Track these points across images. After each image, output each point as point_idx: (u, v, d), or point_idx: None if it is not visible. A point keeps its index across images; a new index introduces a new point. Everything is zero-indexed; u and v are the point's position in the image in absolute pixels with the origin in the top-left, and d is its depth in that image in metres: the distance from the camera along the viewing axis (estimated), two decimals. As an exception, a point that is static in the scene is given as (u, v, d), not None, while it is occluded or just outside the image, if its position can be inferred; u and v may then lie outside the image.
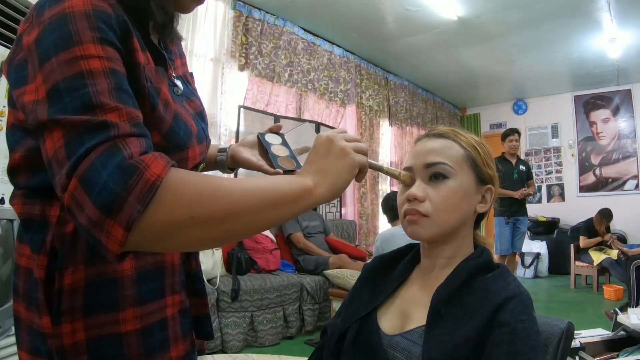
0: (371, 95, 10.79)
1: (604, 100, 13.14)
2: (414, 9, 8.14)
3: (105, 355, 1.18)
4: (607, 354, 4.18)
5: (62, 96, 0.98)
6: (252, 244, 6.78)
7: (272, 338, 6.11)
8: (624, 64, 10.98)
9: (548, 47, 9.91)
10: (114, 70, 1.05)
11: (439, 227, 1.45)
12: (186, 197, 0.96)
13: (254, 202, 1.05)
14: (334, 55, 9.60)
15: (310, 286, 6.68)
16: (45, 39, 1.04)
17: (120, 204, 0.89)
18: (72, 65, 1.00)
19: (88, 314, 1.15)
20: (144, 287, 1.26)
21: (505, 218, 8.72)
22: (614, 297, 8.59)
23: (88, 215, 0.90)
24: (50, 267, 1.14)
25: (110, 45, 1.07)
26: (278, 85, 8.30)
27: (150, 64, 1.25)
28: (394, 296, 1.57)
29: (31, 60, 1.06)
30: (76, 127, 0.95)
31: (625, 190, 12.60)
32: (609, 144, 13.08)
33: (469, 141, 1.55)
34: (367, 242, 10.01)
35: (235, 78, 7.55)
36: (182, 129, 1.29)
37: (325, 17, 8.49)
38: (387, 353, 1.39)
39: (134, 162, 0.92)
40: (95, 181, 0.89)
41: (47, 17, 1.05)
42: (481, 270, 1.45)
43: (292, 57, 8.52)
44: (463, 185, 1.48)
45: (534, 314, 1.33)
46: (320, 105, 9.36)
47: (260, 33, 7.88)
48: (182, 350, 1.37)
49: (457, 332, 1.30)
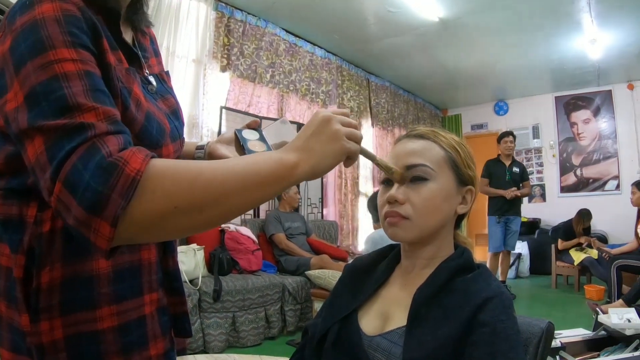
0: (352, 96, 10.83)
1: (585, 101, 13.23)
2: (395, 10, 8.20)
3: (83, 352, 1.21)
4: (588, 354, 4.20)
5: (40, 100, 1.02)
6: (234, 244, 6.79)
7: (254, 338, 6.13)
8: (604, 64, 11.09)
9: (529, 48, 10.00)
10: (88, 72, 1.08)
11: (419, 229, 1.46)
12: (167, 187, 1.00)
13: (236, 186, 1.08)
14: (315, 57, 9.65)
15: (292, 287, 6.71)
16: (19, 46, 1.07)
17: (105, 201, 0.93)
18: (46, 69, 1.04)
19: (65, 312, 1.19)
20: (121, 285, 1.28)
21: (496, 217, 8.86)
22: (595, 297, 8.64)
23: (75, 215, 0.94)
24: (28, 266, 1.17)
25: (83, 48, 1.11)
26: (260, 86, 8.34)
27: (123, 64, 1.30)
28: (375, 297, 1.56)
29: (7, 69, 1.09)
30: (55, 132, 0.99)
31: (606, 190, 12.69)
32: (590, 145, 13.16)
33: (449, 142, 1.55)
34: (348, 243, 10.04)
35: (217, 79, 7.57)
36: (155, 128, 1.33)
37: (307, 18, 8.55)
38: (367, 354, 1.39)
39: (114, 159, 0.96)
40: (78, 182, 0.94)
41: (19, 25, 1.09)
42: (462, 270, 1.46)
43: (273, 58, 8.55)
44: (444, 187, 1.48)
45: (514, 314, 1.34)
46: (301, 106, 9.41)
47: (242, 34, 7.92)
48: (161, 348, 1.41)
49: (437, 332, 1.30)
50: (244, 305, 6.07)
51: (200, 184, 1.03)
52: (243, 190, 1.09)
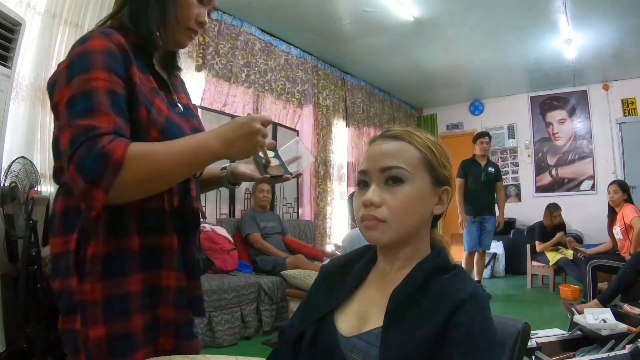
0: (328, 96, 10.87)
1: (560, 101, 13.40)
2: (371, 10, 8.26)
3: (116, 309, 1.65)
4: (564, 354, 4.24)
5: (76, 103, 1.54)
6: (210, 244, 6.79)
7: (229, 338, 6.14)
8: (579, 65, 11.21)
9: (504, 48, 10.12)
10: (113, 91, 1.60)
11: (396, 232, 1.45)
12: (140, 165, 1.54)
13: (181, 162, 1.65)
14: (291, 56, 9.68)
15: (268, 286, 6.73)
16: (73, 65, 1.62)
17: (100, 178, 1.45)
18: (85, 83, 1.56)
19: (104, 277, 1.64)
20: (145, 259, 1.75)
21: (471, 217, 8.94)
22: (570, 297, 8.70)
23: (81, 187, 1.46)
24: (80, 241, 1.66)
25: (114, 74, 1.62)
26: (235, 85, 8.37)
27: (152, 84, 1.81)
28: (352, 297, 1.56)
29: (60, 80, 1.64)
30: (77, 129, 1.49)
31: (581, 190, 12.88)
32: (565, 145, 13.32)
33: (425, 142, 1.53)
34: (323, 243, 10.11)
35: (192, 78, 7.57)
36: (175, 129, 1.81)
37: (282, 17, 8.59)
38: (344, 355, 1.39)
39: (105, 150, 1.46)
40: (82, 166, 1.46)
41: (76, 52, 1.64)
42: (438, 271, 1.47)
43: (249, 58, 8.57)
44: (420, 188, 1.48)
45: (490, 315, 1.36)
46: (277, 106, 9.45)
47: (217, 33, 7.94)
48: (176, 317, 1.84)
49: (414, 333, 1.31)
50: (219, 305, 6.09)
51: (160, 162, 1.60)
52: (186, 165, 1.68)
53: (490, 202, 9.28)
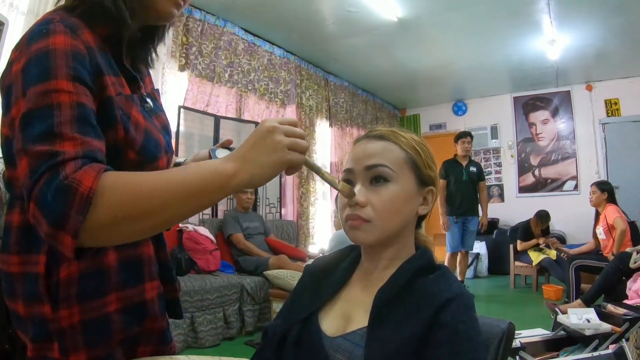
0: (311, 96, 10.91)
1: (543, 102, 13.48)
2: (354, 10, 8.30)
3: (96, 332, 1.46)
4: (547, 354, 4.28)
5: (34, 122, 1.21)
6: (192, 244, 6.83)
7: (212, 339, 6.16)
8: (563, 65, 11.31)
9: (488, 48, 10.18)
10: (80, 104, 1.27)
11: (381, 231, 1.45)
12: (116, 200, 1.16)
13: (174, 196, 1.22)
14: (274, 56, 9.72)
15: (251, 287, 6.76)
16: (30, 69, 1.27)
17: (66, 219, 1.10)
18: (45, 96, 1.23)
19: (81, 299, 1.43)
20: (126, 274, 1.55)
21: (454, 217, 8.97)
22: (554, 297, 8.76)
23: (44, 230, 1.13)
24: (49, 264, 1.41)
25: (81, 83, 1.30)
26: (218, 85, 8.40)
27: (125, 89, 1.52)
28: (336, 298, 1.56)
29: (16, 87, 1.30)
30: (36, 156, 1.17)
31: (564, 191, 12.97)
32: (548, 145, 13.40)
33: (410, 143, 1.54)
34: (306, 243, 10.16)
35: (175, 78, 7.60)
36: (153, 144, 1.57)
37: (265, 17, 8.62)
38: (328, 355, 1.38)
39: (69, 181, 1.12)
40: (44, 203, 1.13)
41: (34, 50, 1.29)
42: (423, 271, 1.47)
43: (232, 58, 8.60)
44: (405, 188, 1.48)
45: (475, 315, 1.36)
46: (260, 106, 9.47)
47: (200, 33, 7.96)
48: (157, 326, 1.69)
49: (399, 333, 1.31)
50: (202, 306, 6.11)
51: (143, 196, 1.20)
52: (181, 200, 1.24)
53: (472, 202, 9.32)
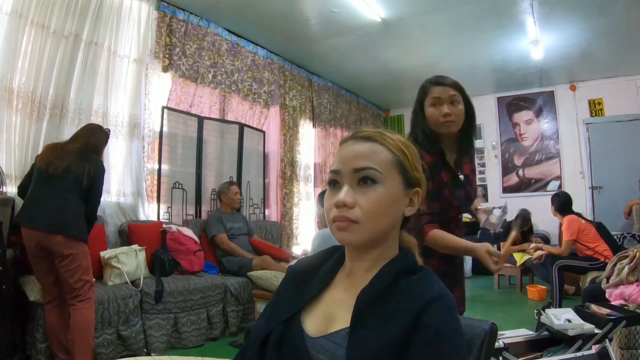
0: (295, 96, 10.96)
1: (527, 102, 13.62)
2: (338, 11, 8.37)
3: None
4: (531, 354, 4.31)
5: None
6: (176, 245, 6.83)
7: (195, 339, 6.20)
8: (546, 65, 11.44)
9: (472, 49, 10.27)
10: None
11: (368, 233, 1.45)
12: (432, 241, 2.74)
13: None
14: (257, 57, 9.76)
15: (234, 287, 6.80)
16: None
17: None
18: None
19: None
20: None
21: None
22: (538, 297, 8.92)
23: None
24: None
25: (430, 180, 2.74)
26: (202, 86, 8.42)
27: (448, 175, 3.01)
28: (319, 298, 1.56)
29: None
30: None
31: (548, 190, 12.87)
32: (532, 145, 13.55)
33: (397, 144, 1.55)
34: (290, 244, 10.22)
35: (159, 79, 7.62)
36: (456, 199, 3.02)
37: (249, 18, 8.65)
38: (311, 355, 1.39)
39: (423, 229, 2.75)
40: None
41: None
42: (405, 272, 1.48)
43: (215, 58, 8.64)
44: (392, 190, 1.49)
45: (457, 316, 1.37)
46: (244, 107, 9.49)
47: (184, 34, 7.98)
48: None
49: (381, 333, 1.31)
50: (185, 307, 6.15)
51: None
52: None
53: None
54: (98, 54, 6.55)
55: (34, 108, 5.77)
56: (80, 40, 6.29)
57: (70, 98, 6.20)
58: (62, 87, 6.09)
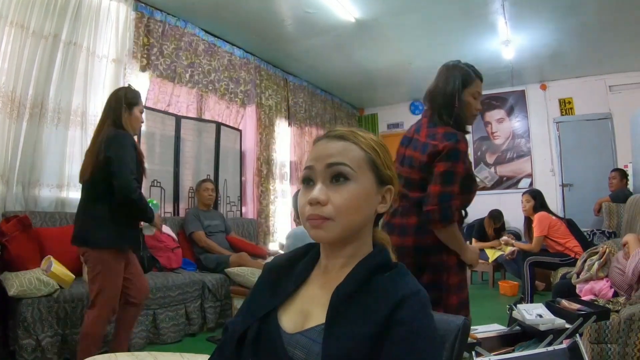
0: (270, 96, 11.04)
1: (499, 101, 13.79)
2: (312, 11, 8.47)
3: None
4: (503, 349, 4.39)
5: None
6: (154, 242, 6.85)
7: (174, 335, 6.22)
8: (517, 65, 11.62)
9: (444, 48, 10.25)
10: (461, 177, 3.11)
11: (341, 229, 1.45)
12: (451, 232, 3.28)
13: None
14: (234, 57, 9.84)
15: (212, 284, 6.86)
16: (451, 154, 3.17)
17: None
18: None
19: None
20: None
21: None
22: (509, 293, 9.02)
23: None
24: None
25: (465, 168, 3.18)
26: (179, 85, 8.47)
27: None
28: (295, 295, 1.57)
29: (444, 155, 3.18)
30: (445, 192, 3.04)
31: (519, 188, 13.01)
32: (504, 144, 13.73)
33: (369, 143, 1.56)
34: (267, 241, 10.31)
35: (137, 79, 7.60)
36: None
37: (225, 18, 8.73)
38: (287, 351, 1.40)
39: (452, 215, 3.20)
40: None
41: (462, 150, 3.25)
42: (380, 268, 1.49)
43: (193, 58, 8.71)
44: (364, 187, 1.49)
45: (431, 312, 1.38)
46: (220, 106, 9.56)
47: (161, 34, 8.05)
48: None
49: (356, 330, 1.32)
50: (164, 303, 6.18)
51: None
52: None
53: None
54: (77, 54, 6.56)
55: (13, 107, 5.79)
56: (60, 41, 6.31)
57: (49, 97, 6.22)
58: (42, 86, 6.10)
